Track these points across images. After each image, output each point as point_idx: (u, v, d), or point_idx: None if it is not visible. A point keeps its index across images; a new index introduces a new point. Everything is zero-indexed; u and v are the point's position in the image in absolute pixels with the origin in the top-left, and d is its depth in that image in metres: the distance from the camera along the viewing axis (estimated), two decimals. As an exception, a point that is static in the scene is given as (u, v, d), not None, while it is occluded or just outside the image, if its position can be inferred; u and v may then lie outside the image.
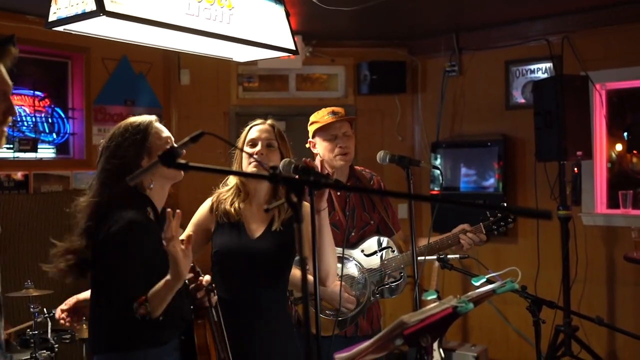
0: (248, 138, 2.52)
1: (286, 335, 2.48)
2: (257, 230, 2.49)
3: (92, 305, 2.20)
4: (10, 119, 1.65)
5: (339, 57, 5.74)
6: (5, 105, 1.63)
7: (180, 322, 2.21)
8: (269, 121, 2.57)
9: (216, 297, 2.28)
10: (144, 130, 2.21)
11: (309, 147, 3.11)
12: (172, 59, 5.37)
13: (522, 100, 5.26)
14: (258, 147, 2.47)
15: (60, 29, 2.36)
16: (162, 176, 2.22)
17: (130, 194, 2.14)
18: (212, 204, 2.56)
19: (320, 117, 3.02)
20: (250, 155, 2.43)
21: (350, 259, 2.97)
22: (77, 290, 3.99)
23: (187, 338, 2.22)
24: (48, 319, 3.59)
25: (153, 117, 2.28)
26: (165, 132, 2.28)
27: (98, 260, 2.13)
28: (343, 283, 2.87)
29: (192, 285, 2.24)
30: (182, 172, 2.28)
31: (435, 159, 5.48)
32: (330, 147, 2.96)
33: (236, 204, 2.51)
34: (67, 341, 3.69)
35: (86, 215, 2.15)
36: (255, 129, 2.53)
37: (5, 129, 1.65)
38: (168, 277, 2.02)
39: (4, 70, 1.64)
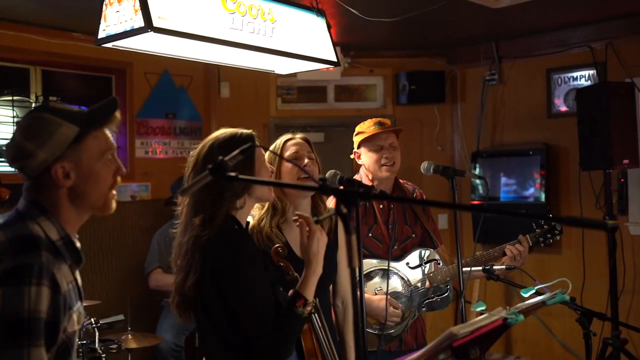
0: (288, 153, 2.46)
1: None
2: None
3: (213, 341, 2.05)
4: (119, 179, 1.69)
5: (377, 67, 5.74)
6: (115, 166, 1.68)
7: None
8: (299, 135, 2.54)
9: (316, 301, 2.22)
10: (250, 152, 2.04)
11: (354, 158, 3.09)
12: (212, 72, 5.45)
13: (564, 108, 5.18)
14: (306, 160, 2.45)
15: (108, 45, 2.42)
16: (256, 197, 2.11)
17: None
18: (256, 239, 2.37)
19: (367, 127, 3.00)
20: (301, 167, 2.37)
21: (395, 272, 2.95)
22: (124, 300, 4.06)
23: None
24: (95, 328, 3.65)
25: (250, 131, 2.15)
26: (262, 151, 2.17)
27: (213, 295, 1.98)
28: (389, 297, 2.84)
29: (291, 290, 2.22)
30: (273, 192, 2.19)
31: (474, 168, 5.42)
32: (376, 157, 2.96)
33: (274, 226, 2.41)
34: (114, 351, 3.75)
35: (186, 251, 2.00)
36: (292, 143, 2.49)
37: (115, 192, 1.69)
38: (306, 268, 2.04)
39: (109, 134, 1.69)
